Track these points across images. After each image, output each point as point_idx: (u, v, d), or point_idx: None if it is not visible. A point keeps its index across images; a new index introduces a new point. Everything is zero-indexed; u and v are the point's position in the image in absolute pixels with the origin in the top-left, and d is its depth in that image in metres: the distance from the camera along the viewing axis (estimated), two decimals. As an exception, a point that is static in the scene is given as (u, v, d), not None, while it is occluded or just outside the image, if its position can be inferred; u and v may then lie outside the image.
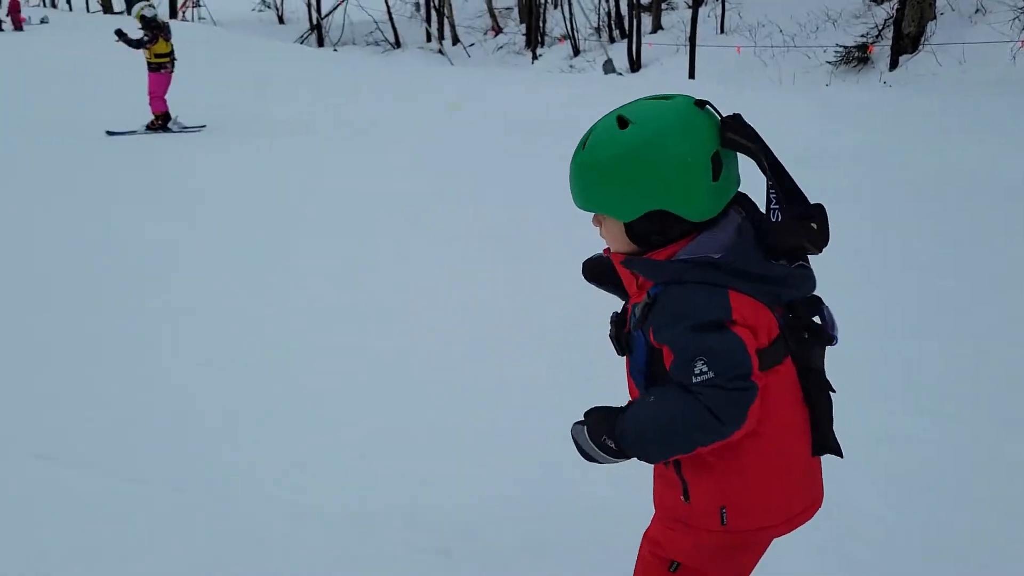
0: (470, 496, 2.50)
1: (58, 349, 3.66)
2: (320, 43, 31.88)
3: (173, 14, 31.24)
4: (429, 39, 32.76)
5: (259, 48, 19.31)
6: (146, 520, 2.38)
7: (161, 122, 9.17)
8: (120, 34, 9.04)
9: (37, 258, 5.00)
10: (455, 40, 31.86)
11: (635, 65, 21.53)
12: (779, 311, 1.45)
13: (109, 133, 8.96)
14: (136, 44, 8.93)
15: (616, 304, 1.59)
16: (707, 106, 1.41)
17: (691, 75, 18.03)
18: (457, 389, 3.19)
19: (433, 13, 33.42)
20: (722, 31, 21.33)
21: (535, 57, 27.49)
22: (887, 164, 7.28)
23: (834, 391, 1.54)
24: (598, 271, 1.66)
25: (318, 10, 33.23)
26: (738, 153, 1.42)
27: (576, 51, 26.26)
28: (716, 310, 1.39)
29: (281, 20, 37.06)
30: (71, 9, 36.72)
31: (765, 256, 1.43)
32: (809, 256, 1.46)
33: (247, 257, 4.95)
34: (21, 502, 2.49)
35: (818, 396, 1.52)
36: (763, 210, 1.48)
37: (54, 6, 36.02)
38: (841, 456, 1.54)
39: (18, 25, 21.03)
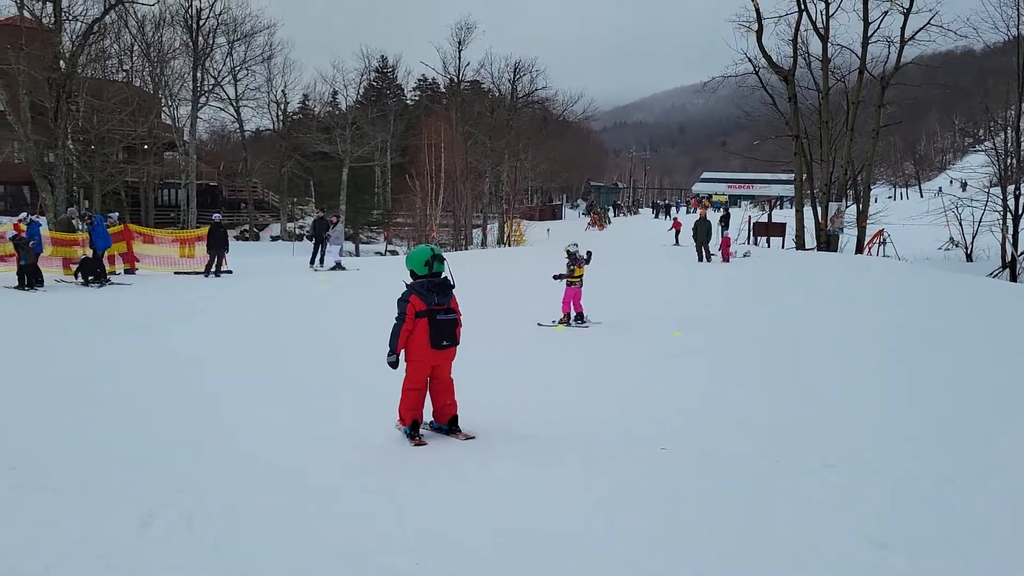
0: None
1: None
2: (1013, 279, 30.07)
3: (859, 249, 33.56)
4: None
5: (931, 279, 19.50)
6: None
7: (566, 320, 12.58)
8: (558, 276, 12.72)
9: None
10: None
11: None
12: (433, 307, 6.10)
13: (539, 324, 12.62)
14: (560, 277, 12.54)
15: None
16: (434, 248, 6.33)
17: None
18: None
19: None
20: None
21: None
22: None
23: (457, 343, 6.29)
24: None
25: (1014, 245, 31.58)
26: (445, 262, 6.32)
27: None
28: (406, 295, 6.13)
29: (969, 258, 36.15)
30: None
31: (434, 290, 6.15)
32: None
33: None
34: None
35: (437, 334, 6.09)
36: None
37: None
38: (447, 347, 6.23)
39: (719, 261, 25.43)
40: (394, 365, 6.16)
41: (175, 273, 21.44)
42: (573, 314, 12.51)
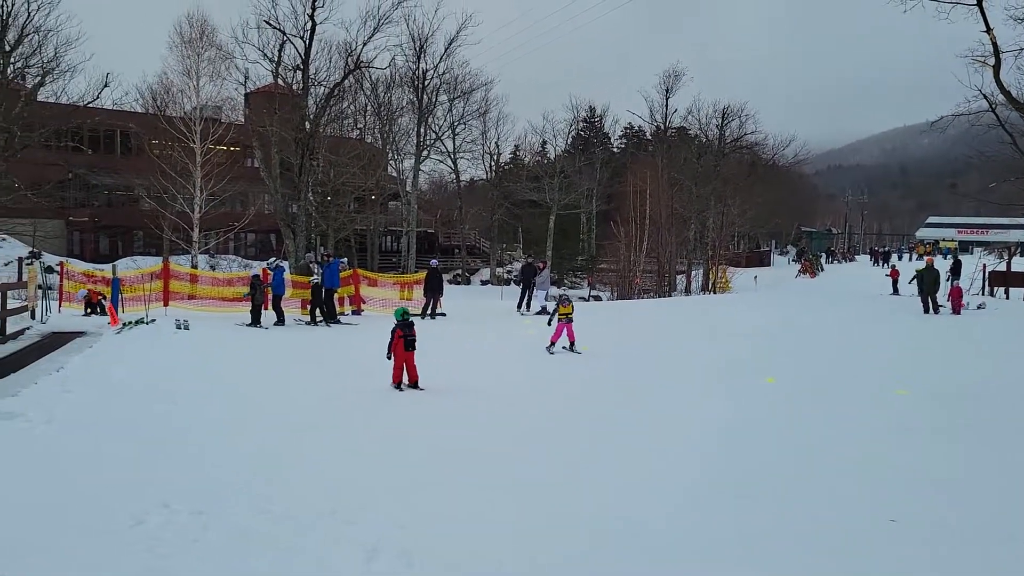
0: None
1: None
2: None
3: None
4: None
5: None
6: None
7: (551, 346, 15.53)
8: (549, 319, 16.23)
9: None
10: None
11: None
12: (406, 334, 12.00)
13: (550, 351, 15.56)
14: (550, 320, 15.96)
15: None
16: (404, 310, 13.00)
17: None
18: None
19: None
20: None
21: None
22: None
23: (415, 349, 12.03)
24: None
25: None
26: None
27: None
28: (394, 328, 12.16)
29: None
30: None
31: (406, 327, 12.20)
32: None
33: None
34: None
35: (407, 344, 11.91)
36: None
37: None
38: (410, 351, 12.05)
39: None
40: (389, 358, 11.97)
41: (396, 314, 23.08)
42: (566, 343, 15.71)
